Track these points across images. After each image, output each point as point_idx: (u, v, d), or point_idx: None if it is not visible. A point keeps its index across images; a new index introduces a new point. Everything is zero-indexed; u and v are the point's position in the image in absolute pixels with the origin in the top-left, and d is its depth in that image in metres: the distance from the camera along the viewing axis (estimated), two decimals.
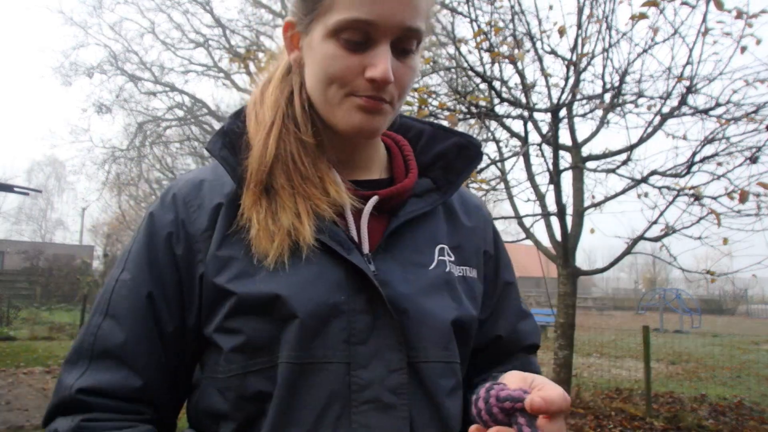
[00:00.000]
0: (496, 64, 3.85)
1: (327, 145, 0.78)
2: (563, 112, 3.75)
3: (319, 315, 0.68)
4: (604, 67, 3.45)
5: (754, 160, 3.25)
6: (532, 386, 0.60)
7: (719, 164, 3.57)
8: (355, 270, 0.70)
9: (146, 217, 0.77)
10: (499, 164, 4.54)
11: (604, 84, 3.53)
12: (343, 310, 0.69)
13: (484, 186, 3.84)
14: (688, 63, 3.21)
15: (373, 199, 0.77)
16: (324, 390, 0.67)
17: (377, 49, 0.68)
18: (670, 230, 3.60)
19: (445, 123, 3.85)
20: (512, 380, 0.61)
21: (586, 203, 4.22)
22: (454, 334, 0.75)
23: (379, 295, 0.70)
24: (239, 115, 0.81)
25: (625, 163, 3.86)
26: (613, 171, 3.89)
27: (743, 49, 3.14)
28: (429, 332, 0.73)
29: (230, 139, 0.77)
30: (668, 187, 3.58)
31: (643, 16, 3.01)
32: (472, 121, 4.57)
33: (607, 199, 4.11)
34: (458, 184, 0.84)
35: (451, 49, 3.70)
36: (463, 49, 3.61)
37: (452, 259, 0.81)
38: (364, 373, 0.68)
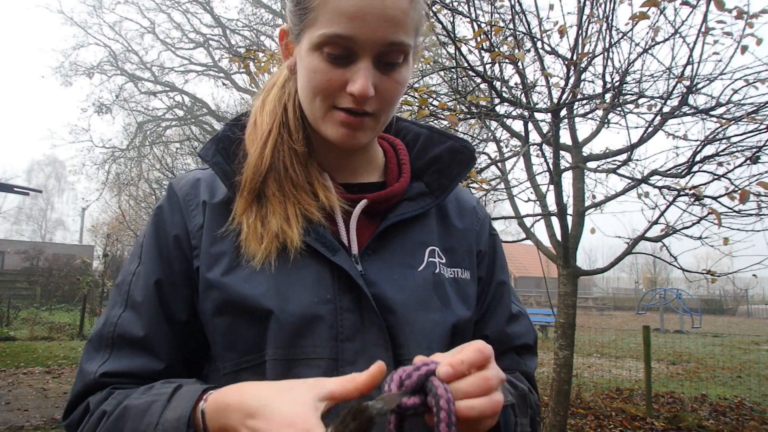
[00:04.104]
0: (497, 64, 3.85)
1: (320, 150, 0.82)
2: (564, 112, 3.74)
3: (301, 314, 0.71)
4: (605, 67, 3.44)
5: (754, 160, 3.25)
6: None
7: (720, 164, 3.56)
8: (341, 270, 0.73)
9: (155, 213, 0.82)
10: (499, 164, 4.53)
11: (605, 84, 3.52)
12: (329, 309, 0.72)
13: (485, 186, 3.83)
14: (688, 63, 3.20)
15: (362, 203, 0.79)
16: None
17: (358, 64, 0.70)
18: (670, 230, 3.60)
19: (445, 123, 3.85)
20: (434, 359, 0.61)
21: (587, 203, 4.22)
22: (442, 334, 0.77)
23: (364, 295, 0.72)
24: (236, 123, 0.84)
25: (625, 163, 3.85)
26: (613, 171, 3.89)
27: (744, 49, 3.14)
28: (413, 331, 0.75)
29: (224, 146, 0.80)
30: (669, 187, 3.57)
31: (643, 16, 3.00)
32: (473, 121, 4.57)
33: (607, 199, 4.11)
34: (450, 189, 0.85)
35: (451, 49, 3.70)
36: (463, 49, 3.60)
37: (443, 261, 0.83)
38: (351, 369, 0.70)
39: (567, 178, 4.21)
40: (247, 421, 0.57)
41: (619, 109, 3.87)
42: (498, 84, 3.79)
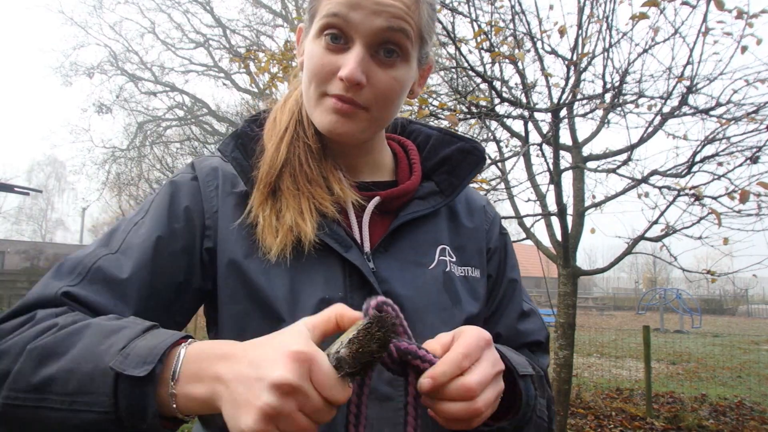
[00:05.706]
0: (497, 64, 3.85)
1: (332, 149, 0.83)
2: (564, 112, 3.74)
3: (312, 309, 0.71)
4: (605, 67, 3.45)
5: (754, 160, 3.25)
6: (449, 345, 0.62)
7: (720, 164, 3.56)
8: (353, 267, 0.74)
9: (171, 180, 0.81)
10: (499, 164, 4.53)
11: (605, 84, 3.52)
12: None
13: (485, 186, 3.83)
14: (688, 63, 3.20)
15: (375, 200, 0.80)
16: None
17: (351, 50, 0.72)
18: (670, 230, 3.60)
19: (445, 123, 3.85)
20: (434, 342, 0.63)
21: (587, 203, 4.22)
22: (450, 331, 0.77)
23: (376, 292, 0.73)
24: (255, 121, 0.85)
25: (625, 163, 3.85)
26: (613, 171, 3.89)
27: (744, 48, 3.14)
28: (424, 328, 0.75)
29: (242, 142, 0.81)
30: (669, 187, 3.57)
31: (643, 16, 3.00)
32: (473, 121, 4.57)
33: (607, 199, 4.11)
34: (460, 189, 0.87)
35: (451, 49, 3.70)
36: (464, 49, 3.60)
37: (454, 259, 0.84)
38: None
39: (567, 178, 4.22)
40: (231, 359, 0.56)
41: (619, 109, 3.87)
42: (498, 84, 3.79)
